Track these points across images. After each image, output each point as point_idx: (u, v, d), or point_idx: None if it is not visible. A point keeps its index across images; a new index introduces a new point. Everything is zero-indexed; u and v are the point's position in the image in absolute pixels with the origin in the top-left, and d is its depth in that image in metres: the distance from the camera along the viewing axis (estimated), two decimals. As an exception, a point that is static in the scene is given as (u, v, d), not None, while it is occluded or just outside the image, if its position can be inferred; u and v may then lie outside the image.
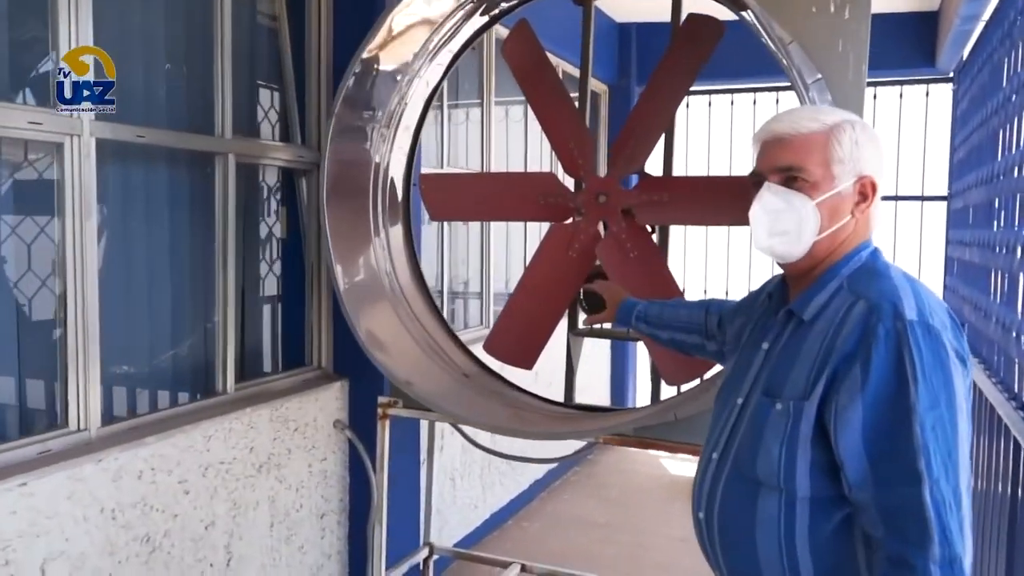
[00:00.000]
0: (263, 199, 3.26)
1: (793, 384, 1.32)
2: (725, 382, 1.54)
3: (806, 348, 1.33)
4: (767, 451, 1.33)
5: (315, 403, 3.10)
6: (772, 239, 1.38)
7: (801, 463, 1.30)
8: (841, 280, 1.36)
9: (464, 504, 4.20)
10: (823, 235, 1.36)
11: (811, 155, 1.35)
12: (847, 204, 1.37)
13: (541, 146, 5.29)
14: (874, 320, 1.25)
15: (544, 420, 2.59)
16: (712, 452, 1.46)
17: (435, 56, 2.79)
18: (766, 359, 1.42)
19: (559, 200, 2.82)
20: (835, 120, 1.38)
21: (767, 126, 1.44)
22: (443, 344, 2.91)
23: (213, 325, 2.81)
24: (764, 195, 1.38)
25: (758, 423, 1.35)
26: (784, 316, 1.42)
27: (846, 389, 1.25)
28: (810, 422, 1.29)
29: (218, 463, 2.64)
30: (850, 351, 1.26)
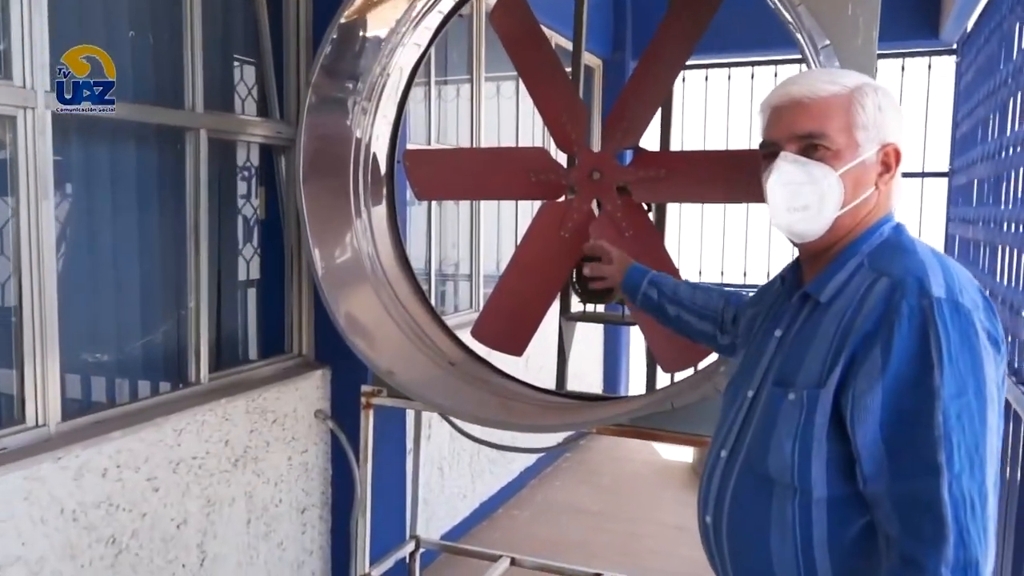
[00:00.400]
0: (240, 177, 3.10)
1: (807, 371, 1.19)
2: (735, 375, 1.41)
3: (822, 331, 1.20)
4: (779, 445, 1.20)
5: (295, 392, 2.95)
6: (792, 215, 1.24)
7: (816, 459, 1.17)
8: (862, 257, 1.23)
9: (452, 494, 4.07)
10: (846, 209, 1.23)
11: (832, 120, 1.22)
12: (871, 174, 1.24)
13: (533, 124, 5.13)
14: (897, 297, 1.12)
15: (534, 410, 2.45)
16: (721, 450, 1.32)
17: (419, 22, 2.61)
18: (779, 347, 1.29)
19: (551, 177, 2.67)
20: (856, 83, 1.25)
21: (781, 89, 1.29)
22: (428, 330, 2.77)
23: (186, 311, 2.66)
24: (782, 166, 1.24)
25: (770, 415, 1.22)
26: (799, 299, 1.28)
27: (865, 373, 1.12)
28: (826, 412, 1.16)
29: (190, 458, 2.49)
30: (870, 331, 1.12)
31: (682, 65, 2.61)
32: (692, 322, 1.75)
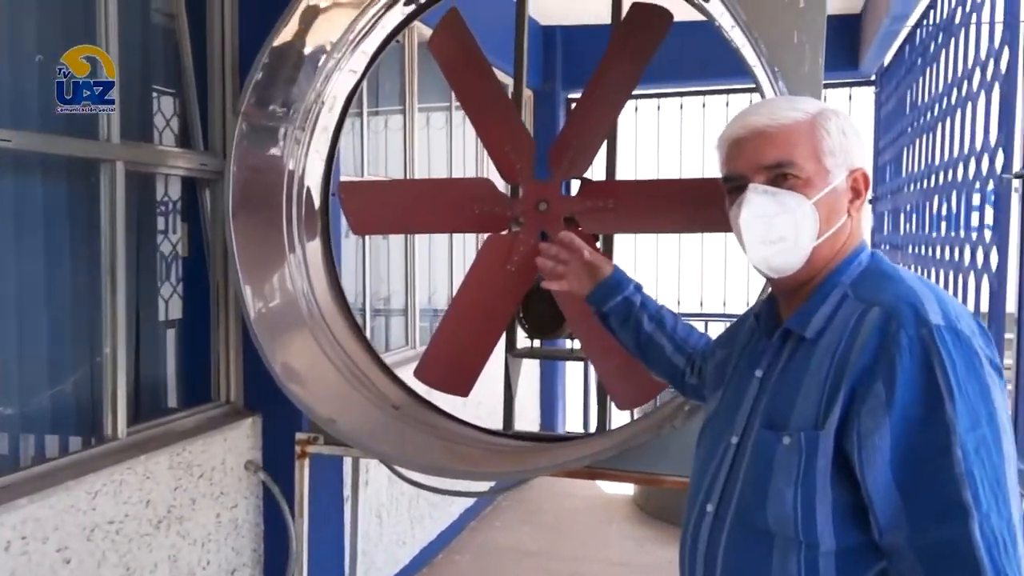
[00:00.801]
0: (160, 212, 2.88)
1: (801, 412, 1.10)
2: (710, 421, 1.31)
3: (812, 369, 1.11)
4: (778, 495, 1.10)
5: (223, 443, 2.73)
6: (768, 248, 1.17)
7: (821, 507, 1.07)
8: (844, 288, 1.16)
9: (391, 541, 3.87)
10: (822, 239, 1.16)
11: (798, 147, 1.16)
12: (843, 201, 1.18)
13: (464, 157, 5.04)
14: (894, 327, 1.04)
15: (485, 456, 2.31)
16: (705, 504, 1.21)
17: (357, 46, 2.47)
18: (762, 388, 1.20)
19: (495, 208, 2.55)
20: (816, 108, 1.19)
21: (739, 120, 1.22)
22: (369, 372, 2.59)
23: (101, 358, 2.42)
24: (752, 198, 1.16)
25: (763, 462, 1.12)
26: (780, 337, 1.19)
27: (869, 411, 1.03)
28: (828, 455, 1.07)
29: (106, 523, 2.25)
30: (867, 364, 1.04)
31: (628, 94, 2.54)
32: (665, 348, 1.60)
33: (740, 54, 2.19)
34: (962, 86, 3.21)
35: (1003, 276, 2.60)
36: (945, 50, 3.56)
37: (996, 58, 2.75)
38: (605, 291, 1.63)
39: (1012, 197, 2.49)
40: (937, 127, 3.67)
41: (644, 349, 1.63)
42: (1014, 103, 2.54)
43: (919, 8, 4.17)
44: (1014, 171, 2.47)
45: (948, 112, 3.46)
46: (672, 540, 4.50)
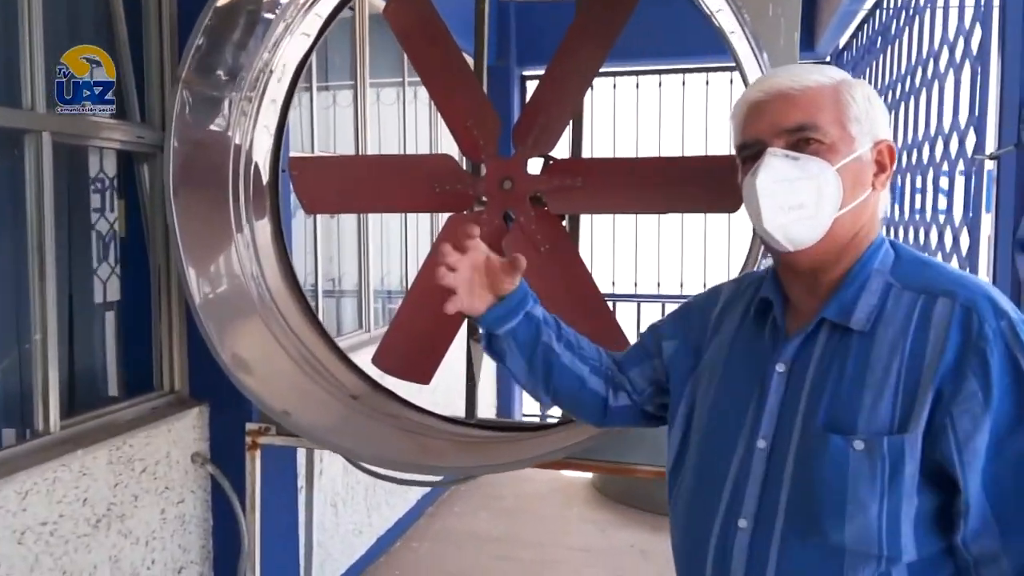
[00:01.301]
0: (94, 188, 2.69)
1: (872, 414, 1.00)
2: (709, 419, 1.17)
3: (876, 365, 1.01)
4: (860, 508, 0.98)
5: (167, 435, 2.56)
6: (787, 215, 1.05)
7: (906, 518, 0.98)
8: (883, 276, 1.06)
9: (347, 531, 3.74)
10: (845, 210, 1.06)
11: (823, 111, 1.06)
12: (867, 173, 1.09)
13: (416, 133, 4.88)
14: (976, 320, 0.97)
15: (452, 448, 2.19)
16: (734, 518, 1.08)
17: (308, 10, 2.30)
18: (791, 385, 1.08)
19: (457, 187, 2.42)
20: (841, 75, 1.10)
21: (760, 83, 1.12)
22: (325, 360, 2.45)
23: (30, 345, 2.24)
24: (771, 162, 1.05)
25: (831, 470, 1.00)
26: (813, 327, 1.08)
27: (964, 412, 0.95)
28: (916, 461, 0.97)
29: (39, 525, 2.08)
30: (954, 362, 0.97)
31: (596, 68, 2.43)
32: (585, 378, 1.30)
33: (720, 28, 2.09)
34: (928, 66, 3.17)
35: (975, 258, 2.57)
36: (908, 29, 3.52)
37: (967, 37, 2.70)
38: (506, 309, 1.23)
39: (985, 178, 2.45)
40: (900, 107, 3.64)
41: (556, 382, 1.29)
42: (987, 83, 2.50)
43: (880, -13, 4.14)
44: (987, 152, 2.43)
45: (912, 92, 3.43)
46: (633, 523, 4.48)
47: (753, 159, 1.09)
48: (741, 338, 1.19)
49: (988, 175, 2.50)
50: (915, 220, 3.31)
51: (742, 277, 1.30)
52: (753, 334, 1.18)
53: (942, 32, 2.99)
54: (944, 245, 2.86)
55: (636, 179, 2.36)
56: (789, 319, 1.14)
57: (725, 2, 1.90)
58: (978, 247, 2.57)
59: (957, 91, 2.80)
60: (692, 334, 1.27)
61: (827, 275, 1.10)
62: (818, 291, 1.10)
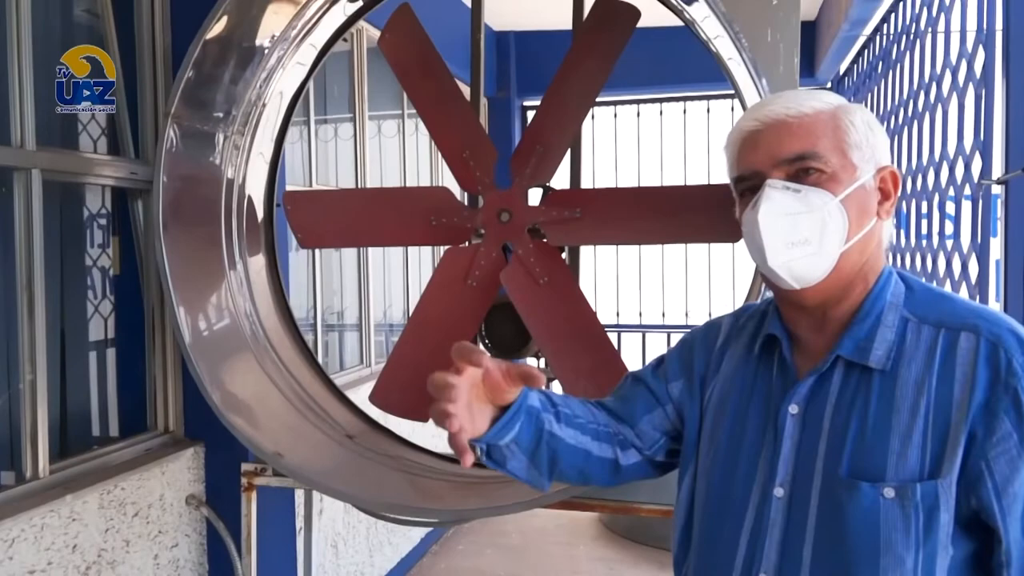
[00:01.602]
0: (89, 226, 2.66)
1: (900, 459, 0.94)
2: (717, 466, 1.09)
3: (899, 406, 0.96)
4: (897, 562, 0.93)
5: (161, 477, 2.50)
6: (791, 251, 0.99)
7: (940, 569, 0.93)
8: (897, 310, 1.01)
9: (349, 571, 3.66)
10: (851, 242, 1.01)
11: (822, 139, 1.01)
12: (872, 201, 1.03)
13: (418, 165, 4.86)
14: (1003, 356, 0.93)
15: (451, 490, 2.12)
16: (754, 572, 1.01)
17: (301, 42, 2.28)
18: (806, 427, 1.02)
19: (454, 220, 2.38)
20: (838, 100, 1.06)
21: (754, 112, 1.07)
22: (320, 399, 2.40)
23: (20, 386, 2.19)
24: (771, 195, 1.00)
25: (860, 521, 0.94)
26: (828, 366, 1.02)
27: (1001, 454, 0.91)
28: (950, 510, 0.92)
29: (25, 573, 2.02)
30: (984, 401, 0.92)
31: (595, 96, 2.40)
32: (588, 448, 1.16)
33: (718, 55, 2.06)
34: (930, 91, 3.14)
35: (984, 284, 2.51)
36: (909, 54, 3.50)
37: (970, 61, 2.67)
38: (508, 415, 1.06)
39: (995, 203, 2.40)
40: (903, 133, 3.61)
41: (562, 466, 1.15)
42: (992, 107, 2.46)
43: (879, 13, 4.13)
44: (994, 176, 2.38)
45: (915, 117, 3.40)
46: (642, 560, 4.38)
47: (751, 192, 1.04)
48: (745, 377, 1.12)
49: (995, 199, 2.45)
50: (922, 247, 3.26)
51: (740, 310, 1.23)
52: (759, 373, 1.11)
53: (944, 56, 2.96)
54: (952, 272, 2.80)
55: (637, 209, 2.32)
56: (798, 358, 1.08)
57: (723, 28, 1.87)
58: (987, 273, 2.52)
59: (961, 115, 2.76)
60: (696, 370, 1.20)
61: (836, 310, 1.04)
62: (827, 328, 1.05)
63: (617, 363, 2.33)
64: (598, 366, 2.31)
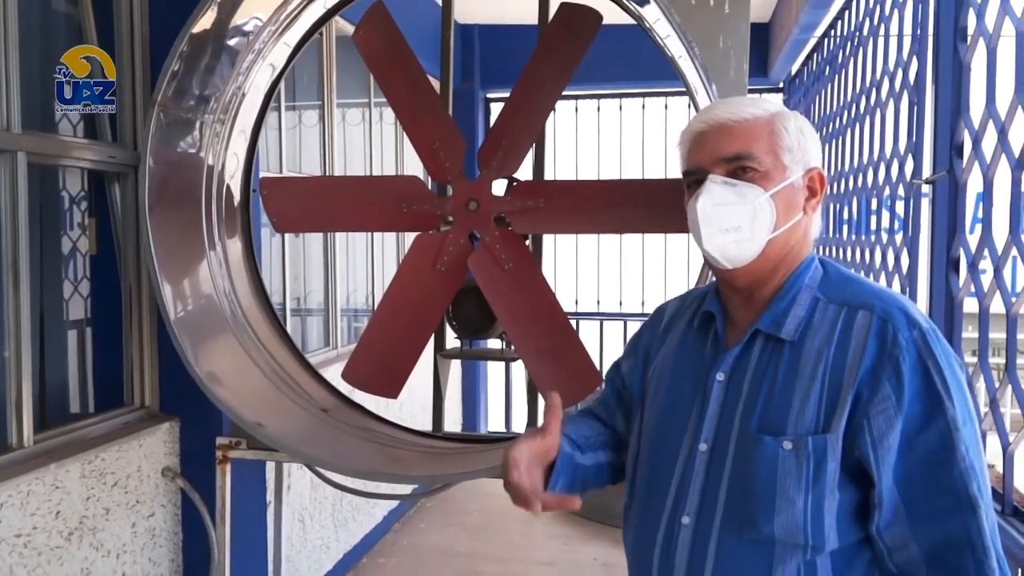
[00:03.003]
0: (66, 207, 2.73)
1: (799, 416, 1.11)
2: (656, 425, 1.26)
3: (804, 372, 1.12)
4: (788, 502, 1.09)
5: (138, 449, 2.61)
6: (724, 236, 1.16)
7: (829, 510, 1.09)
8: (811, 291, 1.18)
9: (315, 546, 3.78)
10: (778, 232, 1.17)
11: (758, 142, 1.18)
12: (799, 198, 1.20)
13: (383, 153, 4.96)
14: (891, 330, 1.09)
15: (421, 458, 2.27)
16: (679, 515, 1.18)
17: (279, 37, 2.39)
18: (730, 391, 1.18)
19: (425, 207, 2.51)
20: (776, 108, 1.22)
21: (702, 116, 1.23)
22: (296, 375, 2.52)
23: (3, 361, 2.28)
24: (711, 188, 1.17)
25: (763, 469, 1.11)
26: (748, 338, 1.19)
27: (880, 413, 1.07)
28: (836, 459, 1.09)
29: (12, 536, 2.12)
30: (870, 368, 1.08)
31: (558, 93, 2.54)
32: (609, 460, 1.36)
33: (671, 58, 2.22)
34: (871, 95, 3.35)
35: (914, 276, 2.73)
36: (854, 59, 3.71)
37: (904, 68, 2.88)
38: (556, 472, 1.25)
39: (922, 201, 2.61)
40: (846, 133, 3.82)
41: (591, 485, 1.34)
42: (923, 112, 2.66)
43: (827, 18, 4.33)
44: (924, 176, 2.58)
45: (857, 120, 3.61)
46: (597, 537, 4.56)
47: (696, 185, 1.20)
48: (684, 349, 1.29)
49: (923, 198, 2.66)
50: (861, 240, 3.48)
51: (687, 293, 1.41)
52: (696, 345, 1.28)
53: (883, 63, 3.17)
54: (887, 264, 3.02)
55: (597, 200, 2.47)
56: (729, 331, 1.24)
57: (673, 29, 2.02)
58: (917, 267, 2.73)
59: (897, 119, 2.97)
60: (642, 349, 1.38)
61: (762, 290, 1.21)
62: (754, 305, 1.21)
63: (576, 345, 2.49)
64: (558, 347, 2.47)
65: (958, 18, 2.33)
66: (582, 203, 2.48)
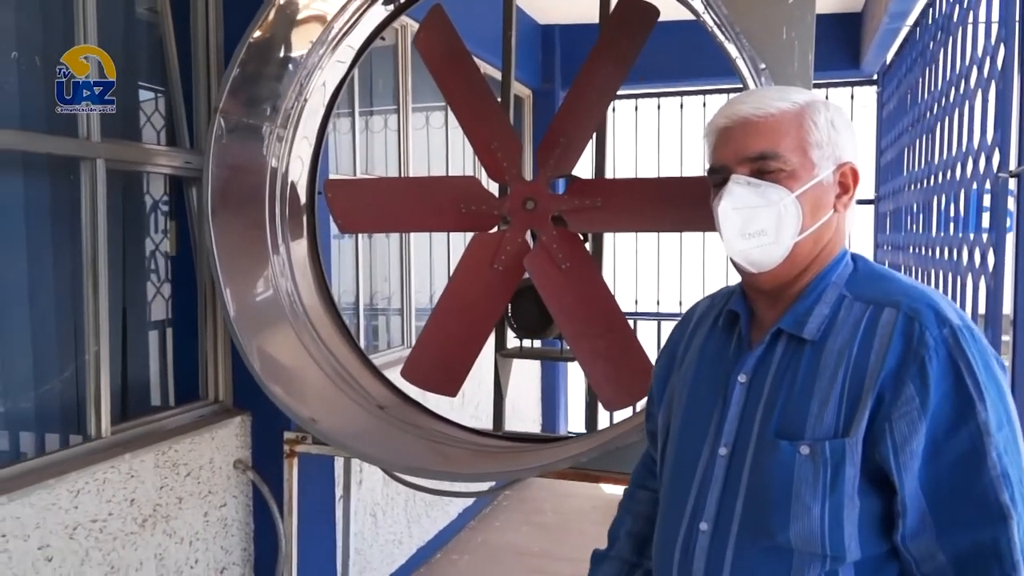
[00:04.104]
0: (149, 211, 2.88)
1: (818, 420, 1.05)
2: (682, 429, 1.22)
3: (823, 373, 1.06)
4: (804, 510, 1.04)
5: (211, 442, 2.72)
6: (748, 241, 1.11)
7: (849, 519, 1.03)
8: (838, 289, 1.11)
9: (387, 540, 3.86)
10: (806, 234, 1.11)
11: (784, 138, 1.10)
12: (829, 196, 1.13)
13: (464, 156, 5.01)
14: (917, 329, 1.01)
15: (471, 456, 2.29)
16: (696, 522, 1.14)
17: (339, 42, 2.45)
18: (751, 394, 1.13)
19: (482, 207, 2.54)
20: (806, 99, 1.14)
21: (727, 109, 1.17)
22: (355, 372, 2.58)
23: (87, 357, 2.42)
24: (733, 189, 1.11)
25: (778, 475, 1.06)
26: (770, 338, 1.13)
27: (903, 416, 1.00)
28: (856, 465, 1.02)
29: (89, 522, 2.25)
30: (894, 369, 1.01)
31: (615, 91, 2.53)
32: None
33: (725, 51, 2.16)
34: (960, 84, 3.17)
35: (1000, 276, 2.56)
36: (943, 48, 3.51)
37: (992, 56, 2.71)
38: None
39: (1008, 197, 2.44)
40: (936, 126, 3.62)
41: None
42: (1010, 101, 2.50)
43: (918, 6, 4.12)
44: (1010, 169, 2.42)
45: (946, 111, 3.42)
46: (670, 542, 4.48)
47: (721, 184, 1.15)
48: (709, 349, 1.24)
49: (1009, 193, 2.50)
50: (948, 238, 3.29)
51: (716, 292, 1.35)
52: (721, 345, 1.23)
53: (972, 51, 2.99)
54: (974, 263, 2.84)
55: (655, 199, 2.43)
56: (754, 331, 1.19)
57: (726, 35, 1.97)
58: (1003, 266, 2.56)
59: (985, 109, 2.80)
60: (670, 351, 1.34)
61: (789, 290, 1.15)
62: (779, 305, 1.15)
63: (635, 346, 2.45)
64: (616, 349, 2.44)
65: (1044, 0, 2.18)
66: (639, 201, 2.45)
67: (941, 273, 3.37)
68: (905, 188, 4.39)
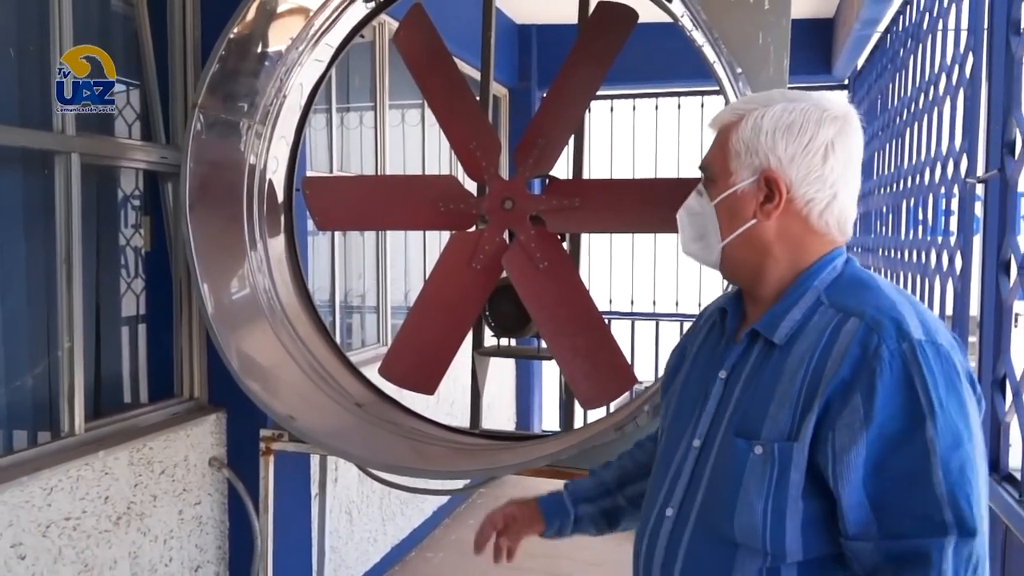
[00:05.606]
0: (123, 207, 2.85)
1: (774, 422, 1.07)
2: (670, 421, 1.27)
3: (785, 377, 1.08)
4: (748, 506, 1.07)
5: (186, 439, 2.70)
6: (694, 245, 1.22)
7: (791, 520, 1.05)
8: (817, 293, 1.12)
9: (362, 538, 3.85)
10: (727, 240, 1.16)
11: (717, 149, 1.19)
12: (747, 204, 1.14)
13: (440, 154, 5.01)
14: (875, 340, 1.02)
15: (447, 454, 2.30)
16: (665, 508, 1.18)
17: (319, 40, 2.45)
18: (727, 391, 1.16)
19: (461, 206, 2.55)
20: (754, 106, 1.14)
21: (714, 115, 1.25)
22: (332, 370, 2.58)
23: (59, 353, 2.39)
24: (691, 197, 1.22)
25: (732, 471, 1.09)
26: (747, 338, 1.16)
27: (845, 426, 1.01)
28: (801, 469, 1.04)
29: (62, 520, 2.22)
30: (846, 378, 1.02)
31: (593, 92, 2.55)
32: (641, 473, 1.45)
33: (703, 55, 2.19)
34: (929, 91, 3.23)
35: (967, 279, 2.62)
36: (913, 55, 3.59)
37: (961, 64, 2.77)
38: (551, 532, 1.60)
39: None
40: (905, 131, 3.69)
41: None
42: (978, 108, 2.55)
43: (889, 13, 4.20)
44: (977, 175, 2.48)
45: (916, 116, 3.49)
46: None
47: None
48: (706, 346, 1.28)
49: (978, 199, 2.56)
50: (916, 242, 3.36)
51: (727, 291, 1.41)
52: (714, 342, 1.26)
53: (941, 58, 3.06)
54: (942, 267, 2.91)
55: (631, 200, 2.46)
56: (742, 330, 1.22)
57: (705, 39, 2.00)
58: (971, 269, 2.62)
59: (953, 116, 2.86)
60: (680, 348, 1.37)
61: (761, 291, 1.17)
62: (760, 305, 1.18)
63: (612, 345, 2.48)
64: (593, 347, 2.47)
65: (1011, 10, 2.23)
66: (617, 202, 2.48)
67: (910, 276, 3.44)
68: (875, 192, 4.47)
